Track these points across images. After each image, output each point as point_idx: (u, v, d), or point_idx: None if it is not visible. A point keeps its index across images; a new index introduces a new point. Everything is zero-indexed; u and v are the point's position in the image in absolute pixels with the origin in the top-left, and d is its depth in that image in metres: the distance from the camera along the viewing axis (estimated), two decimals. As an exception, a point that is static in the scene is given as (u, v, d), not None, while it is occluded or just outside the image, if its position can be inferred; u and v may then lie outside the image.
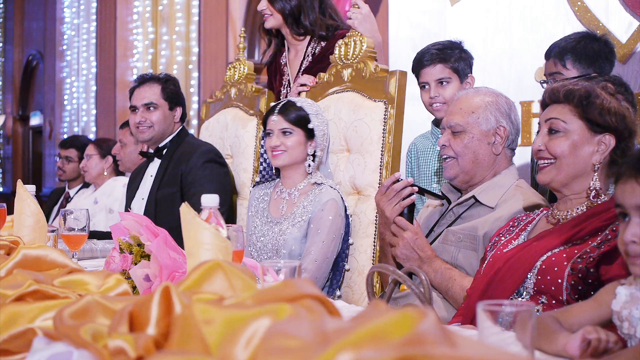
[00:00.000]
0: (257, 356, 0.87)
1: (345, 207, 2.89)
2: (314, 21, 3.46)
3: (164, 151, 3.68)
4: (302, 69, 3.51)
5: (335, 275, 2.91)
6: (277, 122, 2.94)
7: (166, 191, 3.54)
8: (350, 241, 2.94)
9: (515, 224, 2.19)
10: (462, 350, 0.76)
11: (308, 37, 3.53)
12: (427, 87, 3.12)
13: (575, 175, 2.02)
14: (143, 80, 3.75)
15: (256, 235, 2.99)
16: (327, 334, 0.83)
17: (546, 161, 2.05)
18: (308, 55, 3.51)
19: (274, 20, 3.53)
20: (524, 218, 2.20)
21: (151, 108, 3.67)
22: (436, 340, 0.76)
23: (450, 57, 3.10)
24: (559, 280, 1.86)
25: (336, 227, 2.83)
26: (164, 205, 3.52)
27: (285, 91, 3.59)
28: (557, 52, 2.95)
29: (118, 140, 4.75)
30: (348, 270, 2.96)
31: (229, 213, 3.56)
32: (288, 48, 3.62)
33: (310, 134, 2.94)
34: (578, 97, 2.00)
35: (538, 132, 2.11)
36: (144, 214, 3.53)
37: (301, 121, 2.93)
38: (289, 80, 3.58)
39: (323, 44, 3.48)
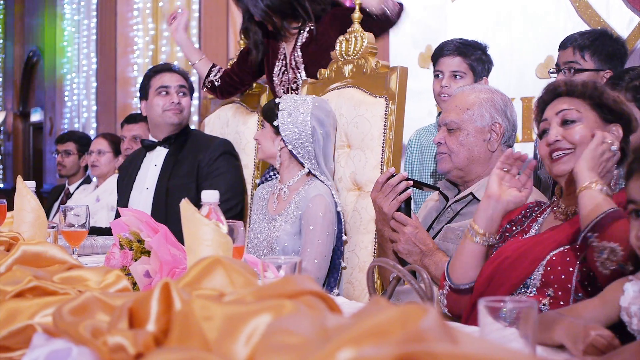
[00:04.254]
0: (258, 352, 0.86)
1: (335, 203, 2.89)
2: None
3: (171, 141, 3.63)
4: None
5: (332, 273, 2.91)
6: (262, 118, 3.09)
7: (179, 181, 3.50)
8: (344, 238, 2.93)
9: (528, 214, 2.17)
10: (463, 347, 0.75)
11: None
12: (440, 76, 3.15)
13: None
14: (169, 67, 3.75)
15: (254, 232, 3.01)
16: (327, 331, 0.82)
17: (564, 151, 2.00)
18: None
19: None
20: (535, 208, 2.18)
21: (182, 93, 3.64)
22: (437, 336, 0.75)
23: (471, 54, 3.14)
24: (570, 269, 1.85)
25: (328, 222, 2.83)
26: (176, 195, 3.43)
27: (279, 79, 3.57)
28: (577, 44, 2.97)
29: (131, 136, 4.69)
30: (345, 268, 2.95)
31: (242, 205, 3.54)
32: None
33: (278, 130, 2.96)
34: (591, 89, 2.00)
35: (545, 130, 2.07)
36: (153, 204, 3.50)
37: (270, 117, 2.98)
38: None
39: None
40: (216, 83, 3.81)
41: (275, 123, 2.96)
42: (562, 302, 1.86)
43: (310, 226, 2.82)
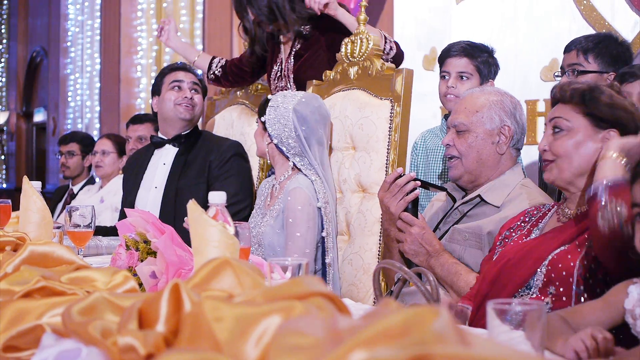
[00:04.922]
0: (268, 354, 0.86)
1: (317, 197, 2.88)
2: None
3: (181, 139, 3.62)
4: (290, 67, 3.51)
5: (321, 270, 2.90)
6: None
7: (190, 181, 3.50)
8: (324, 233, 2.90)
9: (527, 219, 2.18)
10: (476, 349, 0.75)
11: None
12: (447, 77, 3.16)
13: (579, 173, 2.01)
14: (185, 67, 3.76)
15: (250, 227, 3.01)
16: (339, 332, 0.82)
17: (547, 162, 2.05)
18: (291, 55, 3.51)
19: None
20: (535, 213, 2.19)
21: (195, 90, 3.66)
22: (450, 338, 0.76)
23: (478, 56, 3.15)
24: (572, 264, 1.86)
25: (308, 216, 2.82)
26: (186, 196, 3.40)
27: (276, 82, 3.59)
28: (581, 47, 2.99)
29: (136, 137, 4.69)
30: (330, 265, 2.92)
31: (252, 207, 3.55)
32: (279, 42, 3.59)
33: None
34: (580, 94, 1.99)
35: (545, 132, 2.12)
36: (162, 202, 3.50)
37: (261, 113, 3.01)
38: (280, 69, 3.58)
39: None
40: (218, 73, 3.84)
41: (262, 119, 2.98)
42: (564, 298, 1.87)
43: (290, 219, 2.82)
